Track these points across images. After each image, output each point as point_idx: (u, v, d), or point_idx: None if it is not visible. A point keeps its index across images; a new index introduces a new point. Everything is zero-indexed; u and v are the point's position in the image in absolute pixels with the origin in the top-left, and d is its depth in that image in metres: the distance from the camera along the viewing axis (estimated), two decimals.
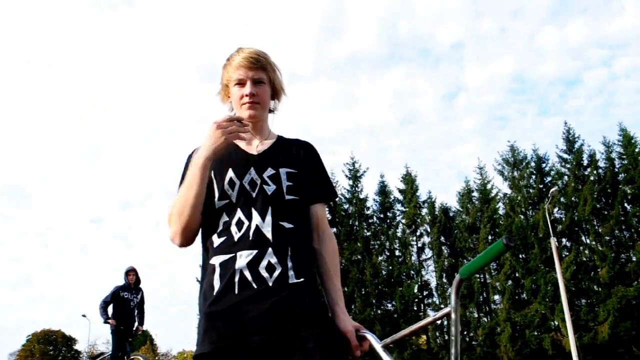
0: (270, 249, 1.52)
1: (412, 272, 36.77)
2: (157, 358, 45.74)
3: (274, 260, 1.51)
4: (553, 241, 26.15)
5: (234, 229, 1.56)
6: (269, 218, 1.57)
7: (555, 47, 64.16)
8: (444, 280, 35.63)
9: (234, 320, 1.46)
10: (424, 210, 38.90)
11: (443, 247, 37.11)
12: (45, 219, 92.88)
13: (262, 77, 1.70)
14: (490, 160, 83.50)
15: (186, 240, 1.62)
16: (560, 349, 31.18)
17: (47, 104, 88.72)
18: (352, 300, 34.12)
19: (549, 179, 36.87)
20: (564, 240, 34.75)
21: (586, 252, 35.21)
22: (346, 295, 32.73)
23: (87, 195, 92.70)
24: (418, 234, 37.82)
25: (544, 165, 37.36)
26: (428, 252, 37.73)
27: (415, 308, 35.36)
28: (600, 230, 34.46)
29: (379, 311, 35.71)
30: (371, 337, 1.46)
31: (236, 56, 1.71)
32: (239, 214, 1.58)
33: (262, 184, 1.63)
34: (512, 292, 34.86)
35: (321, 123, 73.58)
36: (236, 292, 1.48)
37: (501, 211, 37.88)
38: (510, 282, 34.96)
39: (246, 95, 1.68)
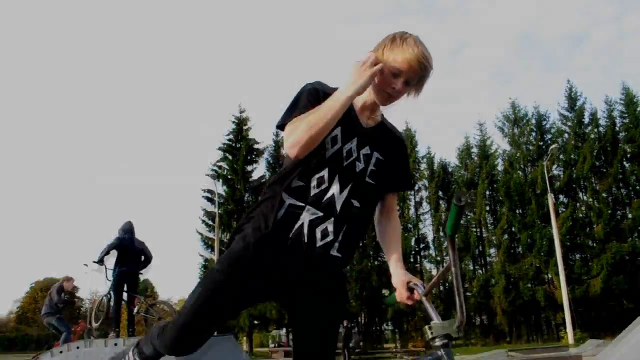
0: (332, 219, 1.65)
1: (409, 225, 37.18)
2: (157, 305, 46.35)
3: (330, 228, 1.65)
4: (550, 197, 26.38)
5: (313, 182, 1.66)
6: (345, 192, 1.67)
7: (564, 2, 63.01)
8: (441, 234, 36.08)
9: (278, 249, 1.63)
10: (423, 166, 39.04)
11: (440, 202, 37.43)
12: (46, 168, 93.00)
13: (414, 82, 1.75)
14: (491, 116, 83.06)
15: (303, 152, 1.61)
16: (552, 300, 31.85)
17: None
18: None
19: (549, 136, 36.88)
20: (561, 196, 35.03)
21: (583, 208, 35.54)
22: None
23: (90, 141, 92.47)
24: (416, 188, 38.03)
25: (544, 122, 37.29)
26: (425, 207, 38.08)
27: (412, 260, 35.97)
28: (597, 187, 34.71)
29: (375, 262, 36.26)
30: (418, 288, 1.60)
31: (410, 47, 1.69)
32: (325, 172, 1.67)
33: (355, 159, 1.72)
34: (508, 246, 35.39)
35: (321, 75, 72.67)
36: (290, 235, 1.63)
37: (500, 167, 38.07)
38: (506, 236, 35.43)
39: (393, 88, 1.72)
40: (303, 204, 1.63)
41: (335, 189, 1.66)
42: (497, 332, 34.42)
